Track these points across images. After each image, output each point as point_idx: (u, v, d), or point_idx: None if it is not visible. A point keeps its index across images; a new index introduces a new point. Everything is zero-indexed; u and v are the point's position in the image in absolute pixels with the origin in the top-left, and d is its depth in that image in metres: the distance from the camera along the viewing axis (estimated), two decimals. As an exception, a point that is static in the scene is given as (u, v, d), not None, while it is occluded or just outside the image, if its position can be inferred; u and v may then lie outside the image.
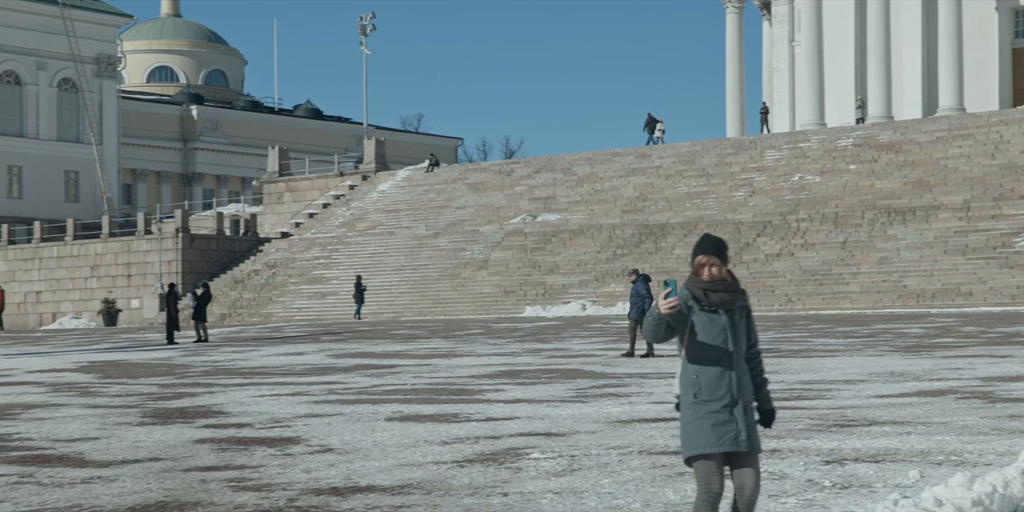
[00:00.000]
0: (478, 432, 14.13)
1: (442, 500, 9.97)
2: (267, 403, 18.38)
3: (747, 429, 6.83)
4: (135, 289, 64.45)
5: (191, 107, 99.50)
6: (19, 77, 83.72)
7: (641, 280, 26.31)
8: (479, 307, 52.97)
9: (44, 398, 20.53)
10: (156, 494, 10.57)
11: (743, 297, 7.10)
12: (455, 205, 65.12)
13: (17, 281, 68.43)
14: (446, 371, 24.01)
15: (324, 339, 37.79)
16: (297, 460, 12.38)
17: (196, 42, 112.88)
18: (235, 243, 66.92)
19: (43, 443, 14.29)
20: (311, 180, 73.59)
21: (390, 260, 60.10)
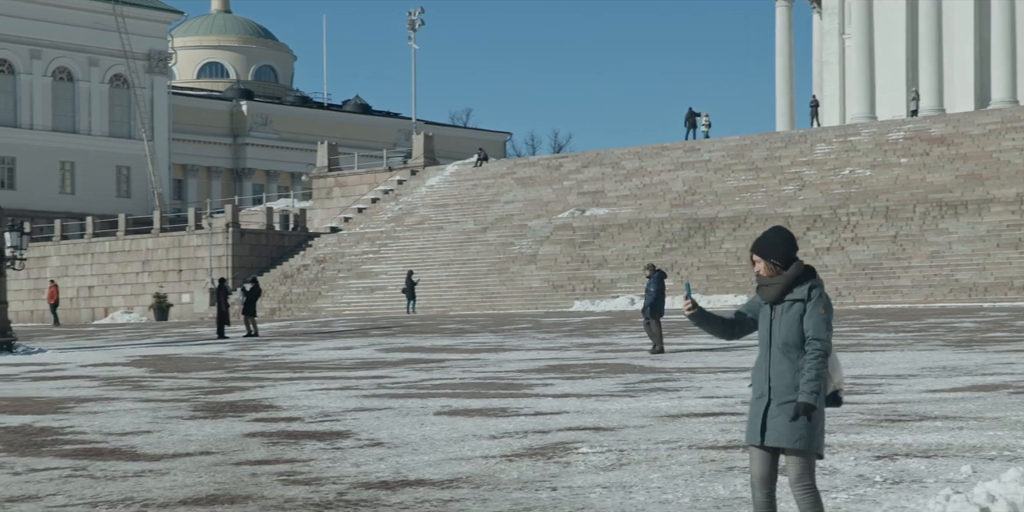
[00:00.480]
0: (527, 426, 14.13)
1: (491, 494, 9.98)
2: (317, 397, 18.45)
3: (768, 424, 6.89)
4: (186, 284, 64.86)
5: (241, 103, 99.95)
6: (72, 74, 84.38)
7: (656, 277, 26.20)
8: (527, 302, 52.96)
9: (97, 392, 20.70)
10: (207, 487, 10.63)
11: (802, 291, 7.01)
12: (503, 199, 65.11)
13: (70, 276, 69.00)
14: (495, 365, 24.02)
15: (373, 334, 37.90)
16: (347, 454, 12.42)
17: (246, 38, 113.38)
18: (284, 238, 67.21)
19: (96, 437, 14.41)
20: (360, 175, 73.78)
21: (438, 255, 60.18)
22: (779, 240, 7.05)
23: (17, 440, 14.21)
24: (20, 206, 74.44)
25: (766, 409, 6.92)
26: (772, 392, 6.91)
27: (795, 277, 6.98)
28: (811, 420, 6.87)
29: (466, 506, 9.50)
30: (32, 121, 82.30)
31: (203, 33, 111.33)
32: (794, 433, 6.86)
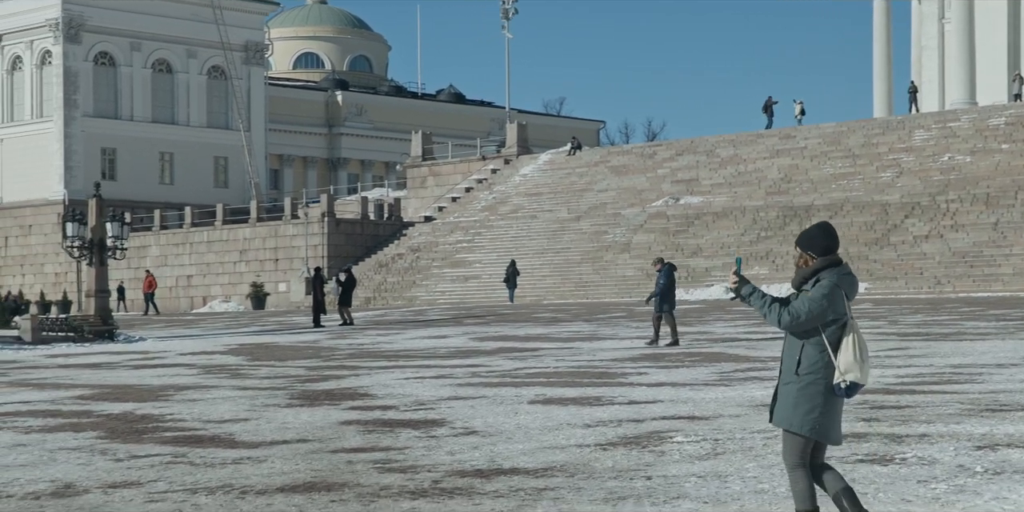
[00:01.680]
0: (621, 415, 14.10)
1: (585, 483, 9.97)
2: (411, 386, 18.55)
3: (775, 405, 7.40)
4: (282, 273, 65.48)
5: (336, 93, 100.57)
6: (170, 65, 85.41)
7: (666, 269, 26.14)
8: (621, 290, 52.84)
9: (196, 380, 20.97)
10: (304, 475, 10.73)
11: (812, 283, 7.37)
12: (597, 188, 64.98)
13: (169, 265, 69.96)
14: (588, 354, 24.01)
15: (467, 322, 38.02)
16: (441, 442, 12.48)
17: (341, 28, 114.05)
18: (379, 227, 67.59)
19: (195, 424, 14.60)
20: (454, 164, 73.98)
21: (532, 244, 60.20)
22: (818, 234, 7.40)
23: (119, 427, 14.44)
24: (121, 197, 75.55)
25: (780, 392, 7.42)
26: (781, 375, 7.41)
27: (817, 269, 7.34)
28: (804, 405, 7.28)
29: (560, 494, 9.51)
30: (132, 113, 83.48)
31: (299, 24, 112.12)
32: (785, 413, 7.35)
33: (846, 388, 7.31)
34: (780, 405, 7.38)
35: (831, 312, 7.28)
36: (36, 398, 18.27)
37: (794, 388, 7.31)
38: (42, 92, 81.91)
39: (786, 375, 7.36)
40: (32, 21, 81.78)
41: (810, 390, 7.28)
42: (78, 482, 10.63)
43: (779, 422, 7.39)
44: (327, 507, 9.30)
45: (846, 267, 7.41)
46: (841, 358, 7.27)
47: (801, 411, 7.30)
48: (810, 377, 7.28)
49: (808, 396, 7.28)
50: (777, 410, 7.41)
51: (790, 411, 7.32)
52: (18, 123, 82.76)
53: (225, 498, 9.74)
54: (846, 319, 7.30)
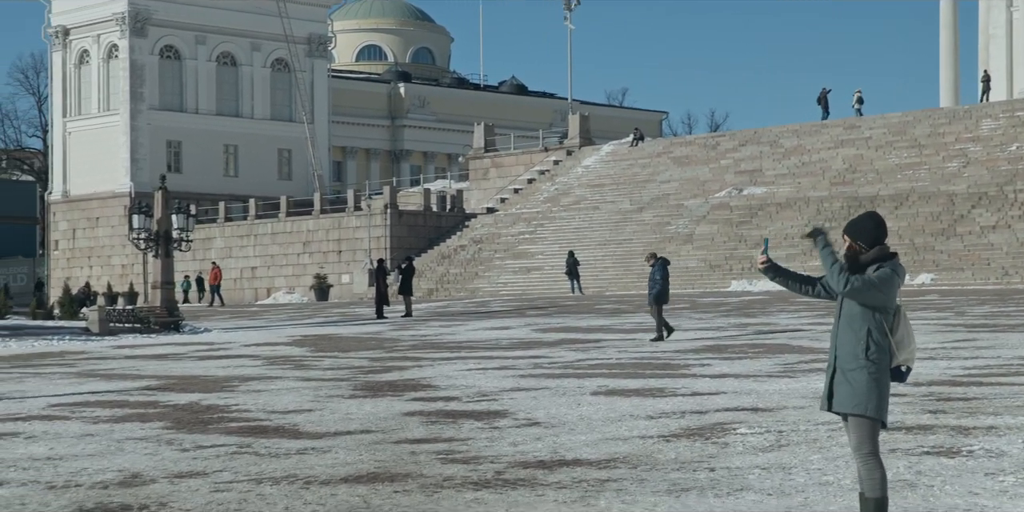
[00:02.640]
0: (684, 407, 14.07)
1: (648, 474, 9.96)
2: (474, 377, 18.59)
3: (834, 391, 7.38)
4: (345, 264, 65.77)
5: (399, 85, 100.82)
6: (235, 58, 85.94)
7: (659, 264, 26.10)
8: (684, 281, 52.65)
9: (260, 371, 21.12)
10: (368, 465, 10.78)
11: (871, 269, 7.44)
12: (660, 179, 64.78)
13: (233, 257, 70.48)
14: (651, 346, 23.96)
15: (529, 314, 38.04)
16: (504, 433, 12.49)
17: (404, 20, 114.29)
18: (442, 219, 67.74)
19: (259, 415, 14.70)
20: (516, 156, 73.97)
21: (595, 235, 60.12)
22: (869, 225, 7.53)
23: (185, 417, 14.57)
24: (186, 189, 76.14)
25: (832, 377, 7.40)
26: (837, 361, 7.39)
27: (872, 259, 7.43)
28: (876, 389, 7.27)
29: (623, 486, 9.50)
30: (197, 106, 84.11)
31: (362, 16, 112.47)
32: (853, 399, 7.30)
33: (905, 373, 7.45)
34: (848, 391, 7.33)
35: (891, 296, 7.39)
36: (104, 389, 18.47)
37: (864, 373, 7.31)
38: (109, 85, 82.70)
39: (850, 361, 7.33)
40: (99, 15, 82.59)
41: (879, 375, 7.33)
42: (145, 472, 10.73)
43: (850, 407, 7.32)
44: (390, 498, 9.34)
45: (897, 258, 7.54)
46: (903, 344, 7.40)
47: (875, 395, 7.30)
48: (878, 362, 7.32)
49: (878, 381, 7.32)
50: (844, 396, 7.35)
51: (863, 396, 7.29)
52: (85, 116, 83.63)
53: (290, 488, 9.80)
54: (898, 305, 7.47)
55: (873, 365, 7.32)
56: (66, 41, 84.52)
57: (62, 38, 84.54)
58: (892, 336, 7.37)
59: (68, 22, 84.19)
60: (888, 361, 7.36)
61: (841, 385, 7.36)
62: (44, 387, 18.95)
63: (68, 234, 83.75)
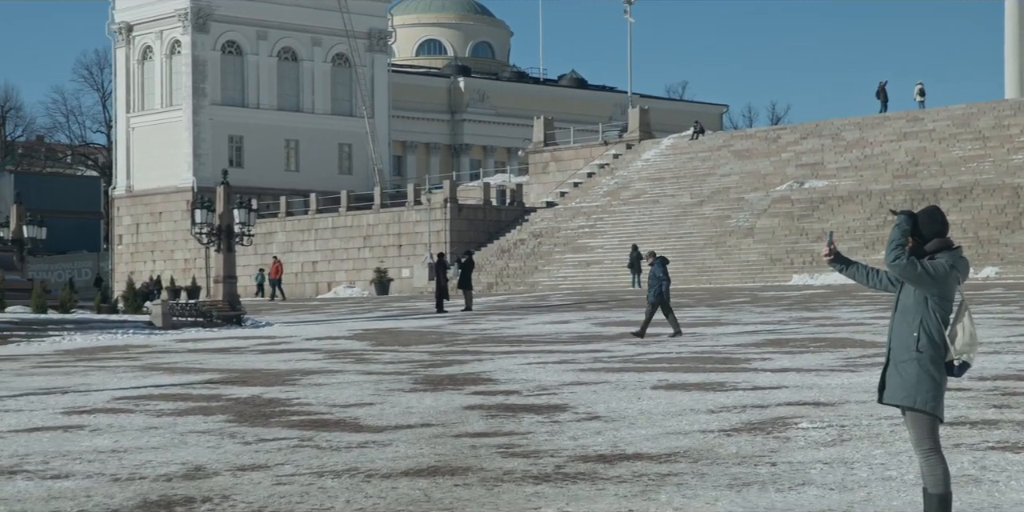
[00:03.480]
0: (745, 401, 14.01)
1: (709, 469, 9.93)
2: (534, 371, 18.59)
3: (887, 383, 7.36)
4: (405, 259, 65.96)
5: (458, 79, 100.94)
6: (296, 53, 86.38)
7: (659, 262, 26.01)
8: (744, 275, 52.43)
9: (321, 365, 21.23)
10: (428, 459, 10.81)
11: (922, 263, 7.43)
12: (720, 172, 64.50)
13: (294, 251, 70.86)
14: (712, 340, 23.87)
15: (589, 307, 38.00)
16: (564, 427, 12.49)
17: (463, 15, 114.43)
18: (501, 213, 67.77)
19: (321, 408, 14.78)
20: (576, 149, 73.88)
21: (654, 229, 59.95)
22: (926, 219, 7.48)
23: (247, 411, 14.67)
24: (248, 184, 76.65)
25: (885, 369, 7.40)
26: (891, 353, 7.38)
27: (933, 251, 7.40)
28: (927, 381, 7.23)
29: (684, 480, 9.47)
30: (259, 101, 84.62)
31: (422, 11, 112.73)
32: (903, 391, 7.28)
33: (958, 367, 7.36)
34: (898, 383, 7.30)
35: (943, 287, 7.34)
36: (167, 382, 18.63)
37: (915, 365, 7.27)
38: (171, 81, 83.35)
39: (902, 352, 7.31)
40: (161, 11, 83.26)
41: (931, 367, 7.27)
42: (208, 465, 10.82)
43: (899, 399, 7.29)
44: (451, 491, 9.36)
45: (960, 250, 7.49)
46: (958, 338, 7.32)
47: (924, 388, 7.25)
48: (929, 354, 7.27)
49: (929, 373, 7.27)
50: (894, 388, 7.32)
51: (912, 388, 7.25)
52: (148, 112, 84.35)
53: (351, 481, 9.85)
54: (961, 299, 7.39)
55: (924, 357, 7.26)
56: (129, 37, 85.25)
57: (125, 34, 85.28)
58: (949, 330, 7.31)
59: (131, 18, 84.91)
60: (941, 354, 7.30)
61: (892, 377, 7.34)
62: (109, 380, 19.15)
63: (132, 229, 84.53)
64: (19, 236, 45.60)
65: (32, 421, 14.19)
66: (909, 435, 7.43)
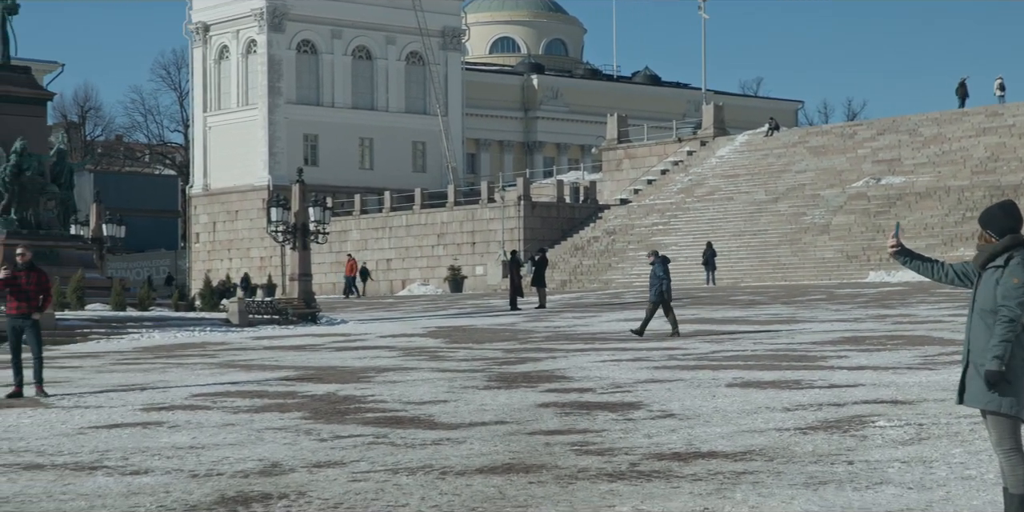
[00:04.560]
0: (821, 399, 13.90)
1: (785, 467, 9.86)
2: (608, 368, 18.56)
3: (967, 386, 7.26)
4: (479, 256, 66.09)
5: (532, 77, 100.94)
6: (370, 52, 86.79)
7: (660, 262, 25.96)
8: (820, 272, 52.04)
9: (396, 362, 21.32)
10: (502, 456, 10.82)
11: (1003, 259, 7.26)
12: (795, 169, 64.04)
13: (369, 249, 71.20)
14: (787, 337, 23.71)
15: (664, 305, 37.82)
16: (638, 425, 12.46)
17: (537, 12, 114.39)
18: (575, 210, 67.73)
19: (395, 405, 14.84)
20: (649, 146, 73.66)
21: (729, 226, 59.66)
22: (999, 213, 7.35)
23: (322, 408, 14.76)
24: (322, 182, 77.12)
25: (964, 371, 7.31)
26: (970, 355, 7.26)
27: (1004, 246, 7.26)
28: (1008, 383, 7.08)
29: (760, 479, 9.42)
30: (333, 99, 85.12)
31: (495, 9, 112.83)
32: (987, 395, 7.13)
33: None
34: (979, 386, 7.18)
35: None
36: (243, 379, 18.79)
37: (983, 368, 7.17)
38: (247, 80, 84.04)
39: (982, 355, 7.18)
40: (238, 11, 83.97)
41: (1012, 370, 7.14)
42: (284, 461, 10.90)
43: (982, 403, 7.18)
44: (525, 488, 9.36)
45: None
46: None
47: (1009, 391, 7.13)
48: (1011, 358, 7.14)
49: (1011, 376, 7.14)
50: (976, 391, 7.21)
51: (998, 392, 7.13)
52: (225, 111, 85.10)
53: (426, 478, 9.88)
54: None
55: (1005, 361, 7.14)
56: (206, 37, 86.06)
57: (202, 34, 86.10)
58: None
59: (208, 18, 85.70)
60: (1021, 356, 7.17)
61: (973, 380, 7.22)
62: (186, 377, 19.35)
63: (208, 227, 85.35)
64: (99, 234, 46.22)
65: (112, 417, 14.37)
66: (989, 435, 7.32)
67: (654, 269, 25.91)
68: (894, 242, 7.62)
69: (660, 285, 25.49)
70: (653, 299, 25.60)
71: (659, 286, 25.50)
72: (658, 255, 26.51)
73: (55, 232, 38.13)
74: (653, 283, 25.72)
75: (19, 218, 37.27)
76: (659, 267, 25.81)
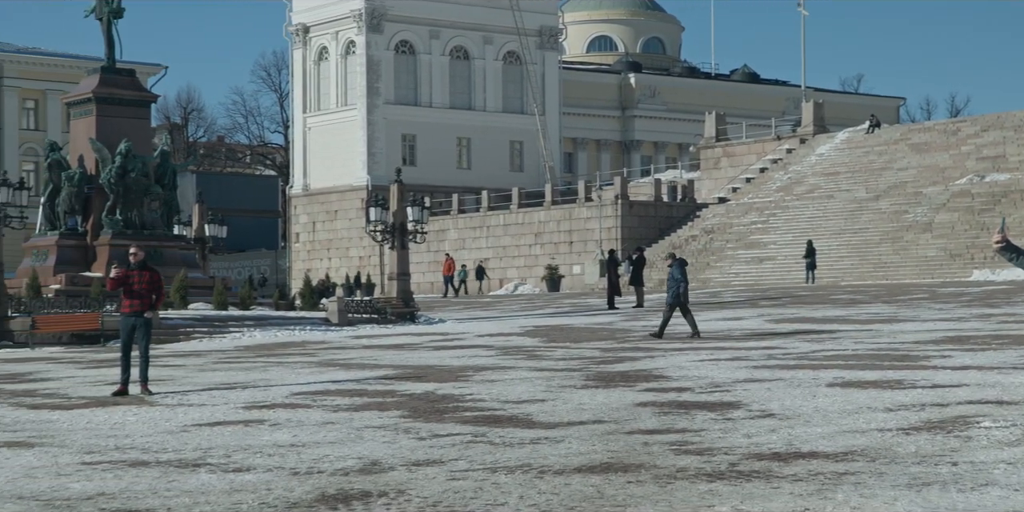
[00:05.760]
0: (924, 399, 13.72)
1: (887, 468, 9.75)
2: (706, 367, 18.46)
3: None
4: (576, 255, 66.04)
5: (629, 75, 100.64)
6: (467, 52, 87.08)
7: (677, 264, 25.88)
8: (922, 271, 51.36)
9: (493, 361, 21.36)
10: (600, 456, 10.81)
11: None
12: (896, 166, 63.27)
13: (467, 249, 71.45)
14: (888, 337, 23.43)
15: (762, 304, 37.60)
16: (737, 425, 12.38)
17: (634, 11, 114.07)
18: (672, 209, 67.45)
19: (493, 404, 14.87)
20: (748, 145, 73.16)
21: (829, 224, 59.08)
22: None
23: (421, 406, 14.83)
24: (420, 181, 77.50)
25: None
26: None
27: None
28: None
29: (862, 479, 9.32)
30: (431, 99, 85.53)
31: (592, 8, 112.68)
32: None
33: None
34: None
35: None
36: (343, 378, 18.94)
37: None
38: (346, 81, 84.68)
39: None
40: (337, 13, 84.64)
41: None
42: (383, 459, 10.97)
43: None
44: (624, 488, 9.34)
45: None
46: None
47: None
48: None
49: None
50: None
51: None
52: (324, 112, 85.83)
53: (524, 477, 9.89)
54: None
55: None
56: (306, 38, 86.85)
57: (302, 36, 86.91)
58: None
59: (308, 20, 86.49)
60: None
61: None
62: (287, 376, 19.54)
63: (308, 227, 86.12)
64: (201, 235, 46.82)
65: (214, 416, 14.56)
66: None
67: (671, 272, 26.03)
68: (999, 237, 7.56)
69: (677, 288, 25.67)
70: (669, 302, 25.79)
71: (676, 288, 25.67)
72: (675, 258, 26.67)
73: (159, 232, 38.72)
74: (671, 285, 25.91)
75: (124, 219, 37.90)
76: (676, 270, 25.91)
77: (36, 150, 77.95)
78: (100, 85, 38.91)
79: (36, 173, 76.21)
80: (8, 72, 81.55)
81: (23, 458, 11.63)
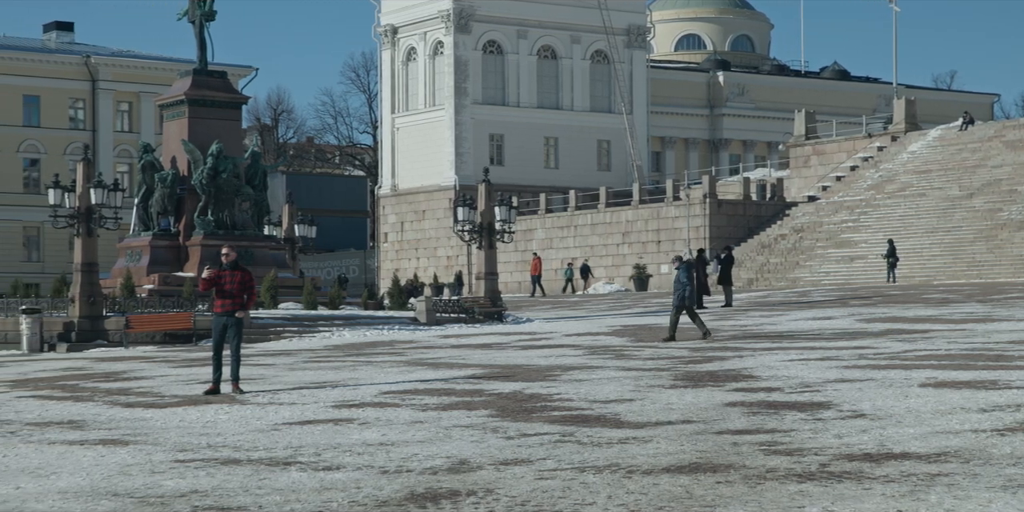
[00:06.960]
0: (1019, 400, 13.51)
1: (982, 469, 9.61)
2: (796, 367, 18.32)
3: None
4: (664, 255, 65.77)
5: (717, 73, 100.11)
6: (555, 51, 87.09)
7: (683, 267, 25.59)
8: (1017, 270, 50.57)
9: (581, 360, 21.34)
10: (689, 456, 10.76)
11: None
12: (991, 164, 62.34)
13: (554, 248, 71.45)
14: (983, 336, 23.10)
15: (852, 303, 37.23)
16: (828, 425, 12.27)
17: (723, 9, 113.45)
18: (761, 208, 66.99)
19: (581, 404, 14.86)
20: (838, 142, 72.46)
21: (920, 222, 58.37)
22: None
23: (509, 406, 14.86)
24: (508, 181, 77.61)
25: None
26: None
27: None
28: None
29: (955, 481, 9.20)
30: (519, 99, 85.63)
31: (680, 6, 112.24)
32: None
33: None
34: None
35: None
36: (431, 377, 19.02)
37: None
38: (434, 81, 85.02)
39: None
40: (425, 13, 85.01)
41: None
42: (471, 458, 11.00)
43: None
44: (713, 488, 9.30)
45: None
46: None
47: None
48: None
49: None
50: None
51: None
52: (412, 112, 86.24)
53: (612, 477, 9.88)
54: None
55: None
56: (394, 39, 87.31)
57: (391, 37, 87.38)
58: None
59: (396, 21, 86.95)
60: None
61: None
62: (376, 375, 19.66)
63: (396, 227, 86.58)
64: (291, 235, 47.26)
65: (304, 414, 14.68)
66: None
67: (678, 275, 25.91)
68: None
69: (683, 291, 25.56)
70: (676, 304, 25.68)
71: (681, 291, 25.56)
72: (682, 260, 26.58)
73: (250, 232, 39.13)
74: (676, 288, 25.80)
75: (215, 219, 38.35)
76: (683, 273, 25.79)
77: (130, 152, 79.22)
78: (192, 87, 39.41)
79: (130, 174, 77.41)
80: (103, 75, 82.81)
81: (118, 456, 11.81)
